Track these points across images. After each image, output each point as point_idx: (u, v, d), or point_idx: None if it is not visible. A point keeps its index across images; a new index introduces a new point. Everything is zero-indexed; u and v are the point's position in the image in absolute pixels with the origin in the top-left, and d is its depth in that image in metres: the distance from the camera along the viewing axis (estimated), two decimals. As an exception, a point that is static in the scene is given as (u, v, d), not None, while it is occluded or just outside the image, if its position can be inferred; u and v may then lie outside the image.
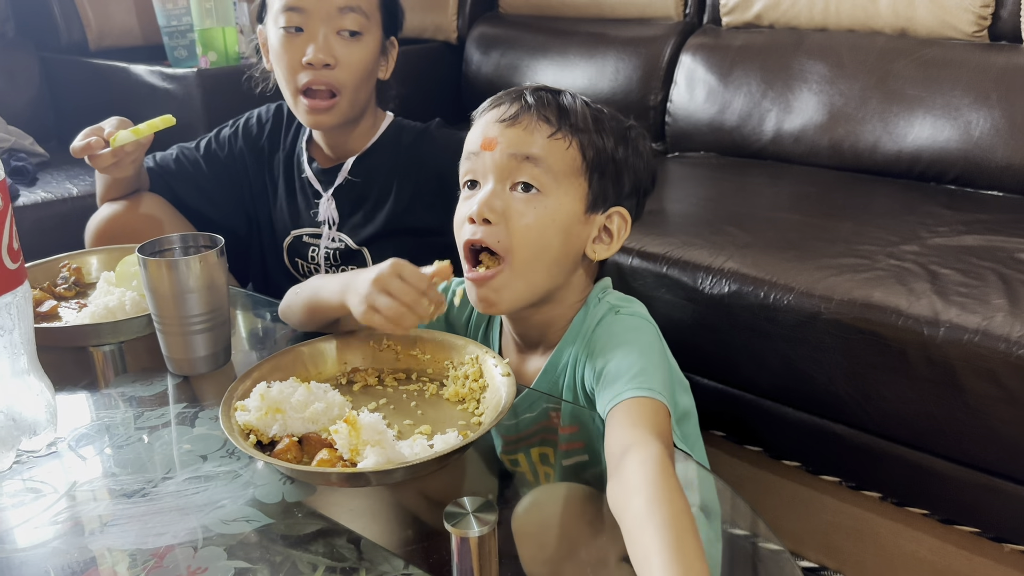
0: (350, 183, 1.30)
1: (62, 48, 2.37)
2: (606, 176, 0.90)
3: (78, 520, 0.75)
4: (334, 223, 1.30)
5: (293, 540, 0.72)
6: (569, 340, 0.93)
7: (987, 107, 1.69)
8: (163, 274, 0.94)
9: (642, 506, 0.63)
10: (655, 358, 0.86)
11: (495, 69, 2.51)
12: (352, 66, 1.18)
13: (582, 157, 0.89)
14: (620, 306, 0.92)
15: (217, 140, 1.39)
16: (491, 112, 0.91)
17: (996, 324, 1.12)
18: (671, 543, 0.59)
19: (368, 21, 1.17)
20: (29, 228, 1.79)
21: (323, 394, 0.84)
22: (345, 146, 1.30)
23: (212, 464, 0.82)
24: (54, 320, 1.08)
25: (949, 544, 1.25)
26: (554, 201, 0.88)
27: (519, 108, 0.89)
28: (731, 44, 2.08)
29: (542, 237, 0.88)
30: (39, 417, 0.84)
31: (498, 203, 0.88)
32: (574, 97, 0.92)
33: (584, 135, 0.89)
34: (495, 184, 0.88)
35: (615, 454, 0.73)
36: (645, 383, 0.80)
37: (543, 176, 0.87)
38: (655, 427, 0.75)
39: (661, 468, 0.67)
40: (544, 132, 0.88)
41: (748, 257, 1.37)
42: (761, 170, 1.91)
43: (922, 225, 1.47)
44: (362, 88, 1.22)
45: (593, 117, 0.91)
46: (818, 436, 1.32)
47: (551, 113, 0.89)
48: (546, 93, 0.91)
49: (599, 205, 0.91)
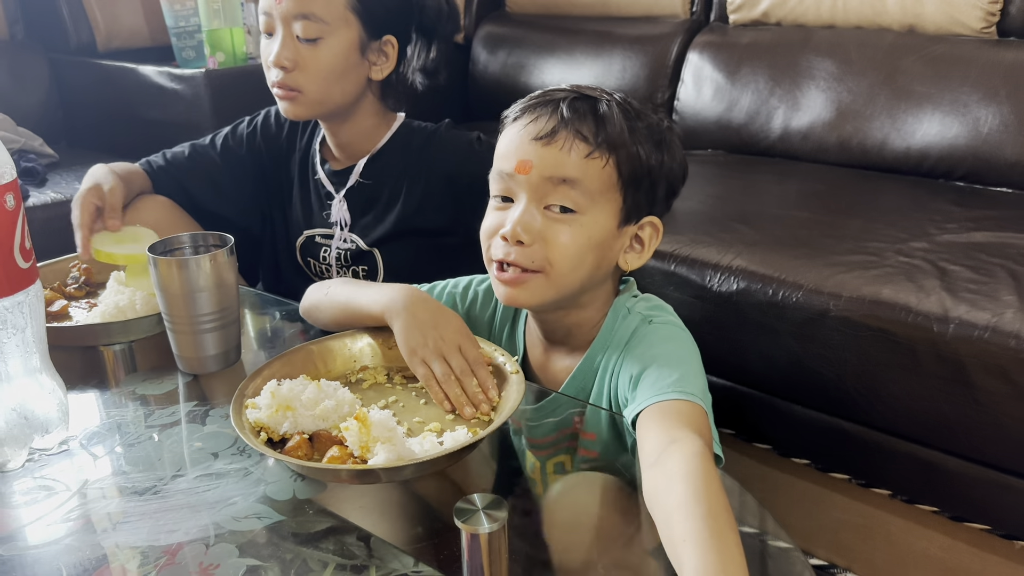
0: (361, 185, 1.30)
1: (71, 50, 2.38)
2: (641, 189, 0.88)
3: (90, 518, 0.75)
4: (346, 224, 1.31)
5: (304, 537, 0.72)
6: (600, 347, 0.92)
7: (996, 103, 1.68)
8: (173, 273, 0.94)
9: (685, 494, 0.63)
10: (693, 365, 0.85)
11: (502, 68, 2.51)
12: (309, 69, 1.19)
13: (618, 174, 0.86)
14: (652, 315, 0.91)
15: (234, 136, 1.39)
16: (525, 127, 0.87)
17: (1006, 320, 1.12)
18: (712, 532, 0.59)
19: (327, 25, 1.17)
20: (39, 228, 1.78)
21: (333, 391, 0.84)
22: (353, 147, 1.30)
23: (223, 461, 0.82)
24: (65, 319, 1.08)
25: (959, 541, 1.24)
26: (590, 220, 0.86)
27: (555, 124, 0.85)
28: (738, 42, 2.07)
29: (578, 257, 0.86)
30: (51, 415, 0.84)
31: (533, 225, 0.85)
32: (610, 103, 0.88)
33: (621, 151, 0.86)
34: (528, 204, 0.86)
35: (652, 450, 0.72)
36: (684, 387, 0.79)
37: (579, 198, 0.85)
38: (694, 426, 0.75)
39: (705, 463, 0.66)
40: (581, 151, 0.84)
41: (756, 254, 1.37)
42: (769, 168, 1.90)
43: (931, 222, 1.47)
44: (331, 89, 1.21)
45: (630, 128, 0.87)
46: (827, 433, 1.32)
47: (587, 129, 0.85)
48: (582, 103, 0.87)
49: (632, 218, 0.89)
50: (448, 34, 1.30)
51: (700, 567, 0.57)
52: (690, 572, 0.57)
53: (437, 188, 1.26)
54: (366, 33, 1.21)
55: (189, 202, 1.33)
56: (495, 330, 1.04)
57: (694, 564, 0.57)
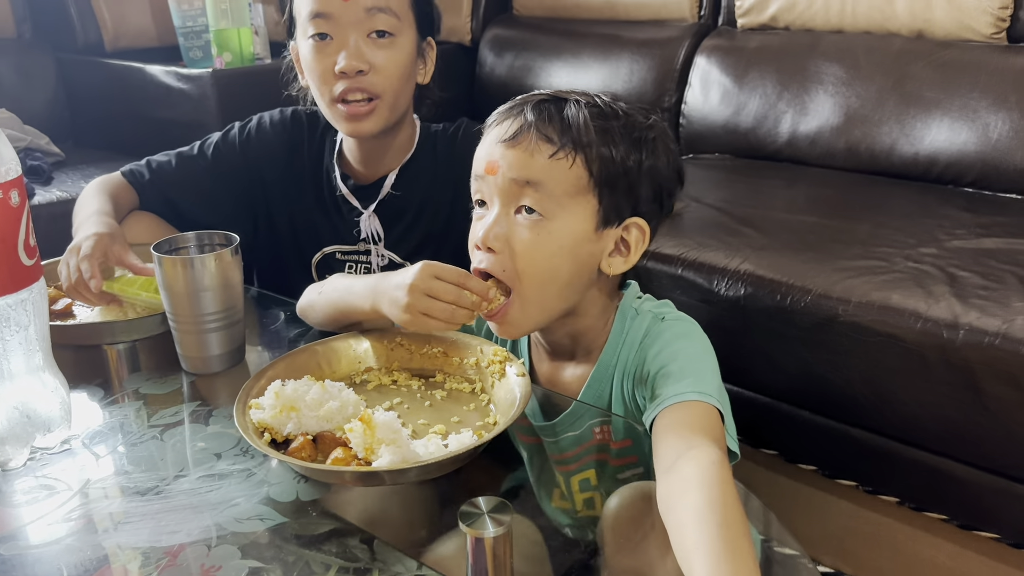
0: (391, 197, 1.25)
1: (78, 49, 2.38)
2: (618, 189, 0.85)
3: (91, 518, 0.74)
4: (380, 239, 1.26)
5: (306, 539, 0.72)
6: (612, 351, 0.91)
7: (1006, 109, 1.67)
8: (178, 272, 0.93)
9: (700, 502, 0.62)
10: (709, 363, 0.84)
11: (509, 71, 2.51)
12: (388, 69, 1.12)
13: (588, 173, 0.84)
14: (663, 312, 0.90)
15: (225, 142, 1.32)
16: (494, 129, 0.87)
17: (1016, 327, 1.11)
18: (726, 542, 0.58)
19: (400, 22, 1.12)
20: (44, 227, 1.77)
21: (338, 392, 0.83)
22: (381, 160, 1.25)
23: (226, 462, 0.81)
24: (68, 318, 1.08)
25: (968, 550, 1.23)
26: (559, 224, 0.84)
27: (519, 126, 0.84)
28: (746, 46, 2.07)
29: (548, 263, 0.85)
30: (53, 414, 0.83)
31: (501, 230, 0.85)
32: (579, 104, 0.86)
33: (589, 149, 0.83)
34: (499, 209, 0.85)
35: (668, 456, 0.71)
36: (700, 387, 0.78)
37: (545, 200, 0.83)
38: (710, 433, 0.74)
39: (722, 472, 0.66)
40: (545, 152, 0.83)
41: (764, 259, 1.36)
42: (777, 172, 1.90)
43: (940, 228, 1.46)
44: (402, 92, 1.17)
45: (600, 128, 0.84)
46: (835, 440, 1.31)
47: (552, 130, 0.84)
48: (549, 105, 0.86)
49: (613, 219, 0.86)
50: None
51: None
52: None
53: (465, 190, 1.24)
54: (419, 34, 1.17)
55: (176, 215, 1.28)
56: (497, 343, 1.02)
57: (706, 573, 0.57)
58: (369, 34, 1.12)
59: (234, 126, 1.34)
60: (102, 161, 2.11)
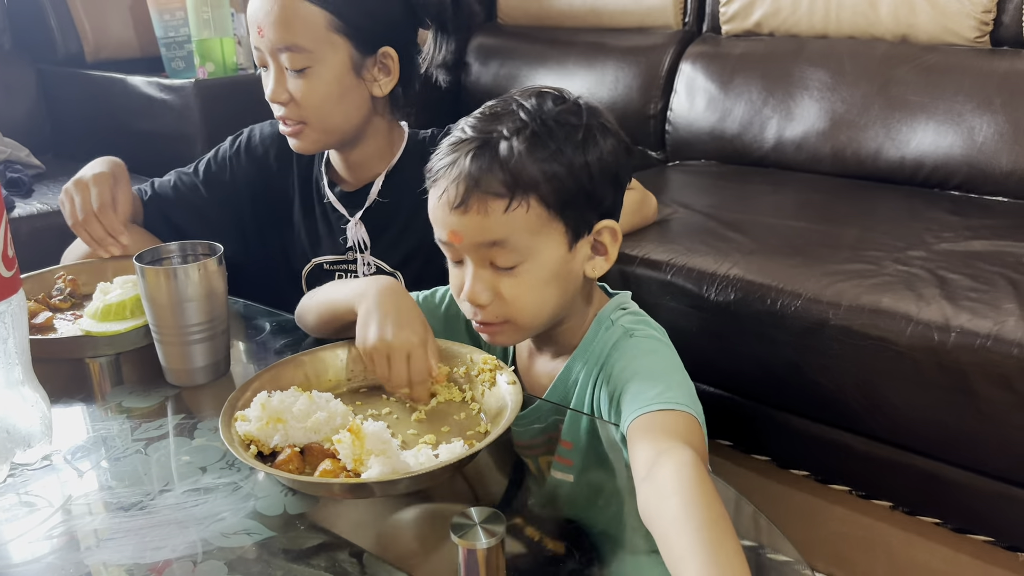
0: (378, 204, 1.25)
1: (59, 60, 2.36)
2: (578, 205, 0.85)
3: (73, 535, 0.73)
4: (366, 247, 1.26)
5: (295, 554, 0.70)
6: (579, 357, 0.92)
7: (990, 112, 1.68)
8: (161, 283, 0.92)
9: (679, 508, 0.62)
10: (677, 376, 0.84)
11: (494, 79, 2.50)
12: (306, 100, 1.14)
13: (545, 207, 0.83)
14: (634, 329, 0.90)
15: (216, 160, 1.33)
16: (440, 196, 0.85)
17: (1008, 329, 1.11)
18: (711, 545, 0.58)
19: (313, 53, 1.12)
20: (25, 240, 1.77)
21: (325, 403, 0.82)
22: (365, 167, 1.25)
23: (212, 476, 0.80)
24: (50, 331, 1.06)
25: (962, 554, 1.23)
26: (537, 263, 0.85)
27: (464, 189, 0.82)
28: (731, 52, 2.07)
29: (538, 298, 0.86)
30: (33, 429, 0.82)
31: (484, 285, 0.86)
32: (512, 138, 0.83)
33: (541, 186, 0.82)
34: (475, 269, 0.86)
35: (641, 465, 0.71)
36: (670, 397, 0.78)
37: (514, 253, 0.84)
38: (682, 436, 0.73)
39: (696, 472, 0.65)
40: (498, 209, 0.82)
41: (753, 263, 1.35)
42: (763, 178, 1.90)
43: (928, 231, 1.46)
44: (333, 115, 1.17)
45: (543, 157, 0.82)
46: (827, 445, 1.30)
47: (496, 182, 0.82)
48: (485, 153, 0.83)
49: (582, 231, 0.87)
50: (462, 24, 1.25)
51: None
52: None
53: None
54: (358, 51, 1.16)
55: (176, 234, 1.27)
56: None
57: None
58: (284, 68, 1.14)
59: (224, 143, 1.35)
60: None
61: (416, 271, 1.25)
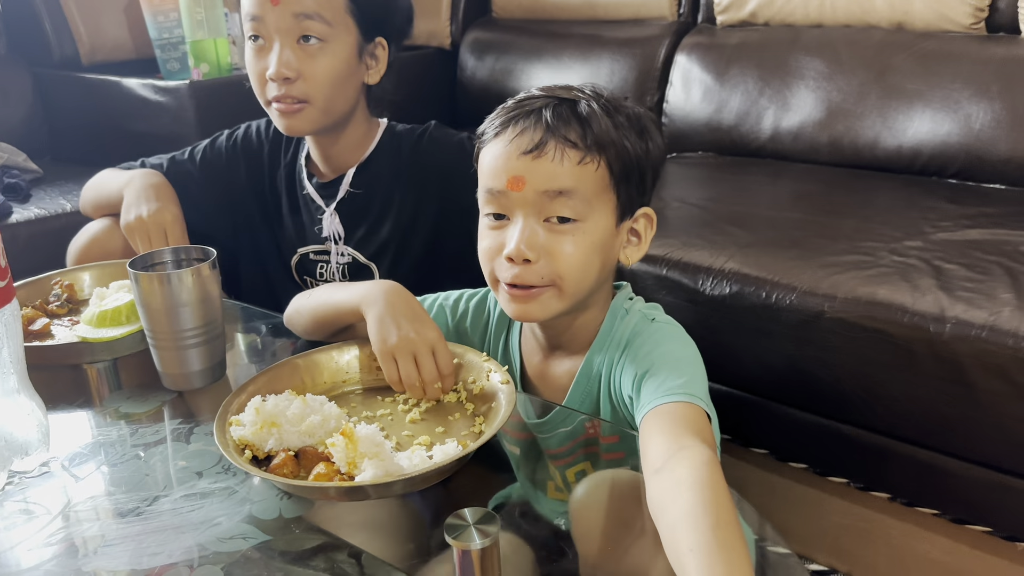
0: (352, 196, 1.26)
1: (54, 64, 2.36)
2: (631, 183, 0.86)
3: (72, 541, 0.73)
4: (340, 238, 1.27)
5: (292, 556, 0.71)
6: (599, 348, 0.91)
7: (987, 99, 1.68)
8: (155, 288, 0.92)
9: (694, 504, 0.62)
10: (699, 369, 0.84)
11: (490, 74, 2.50)
12: (316, 77, 1.13)
13: (610, 172, 0.84)
14: (653, 314, 0.91)
15: (213, 149, 1.34)
16: (511, 141, 0.84)
17: (1004, 319, 1.11)
18: (721, 545, 0.58)
19: (332, 28, 1.12)
20: (23, 245, 1.78)
21: (319, 407, 0.82)
22: (340, 158, 1.27)
23: (208, 481, 0.80)
24: (47, 338, 1.06)
25: (961, 544, 1.23)
26: (591, 225, 0.84)
27: (542, 135, 0.83)
28: (726, 43, 2.07)
29: (587, 264, 0.85)
30: (31, 437, 0.82)
31: (537, 241, 0.83)
32: (590, 100, 0.86)
33: (610, 149, 0.84)
34: (527, 220, 0.84)
35: (658, 456, 0.71)
36: (690, 390, 0.78)
37: (578, 206, 0.83)
38: (700, 434, 0.73)
39: (715, 473, 0.65)
40: (573, 159, 0.82)
41: (750, 257, 1.35)
42: (760, 169, 1.89)
43: (925, 220, 1.46)
44: (336, 97, 1.17)
45: (614, 124, 0.85)
46: (825, 437, 1.30)
47: (575, 134, 0.83)
48: (564, 108, 0.85)
49: (627, 213, 0.88)
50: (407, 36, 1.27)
51: None
52: None
53: (431, 191, 1.24)
54: (362, 37, 1.17)
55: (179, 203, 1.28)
56: (489, 343, 1.02)
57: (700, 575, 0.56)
58: (298, 40, 1.12)
59: (223, 133, 1.37)
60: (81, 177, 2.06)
61: (390, 263, 1.26)
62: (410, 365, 0.87)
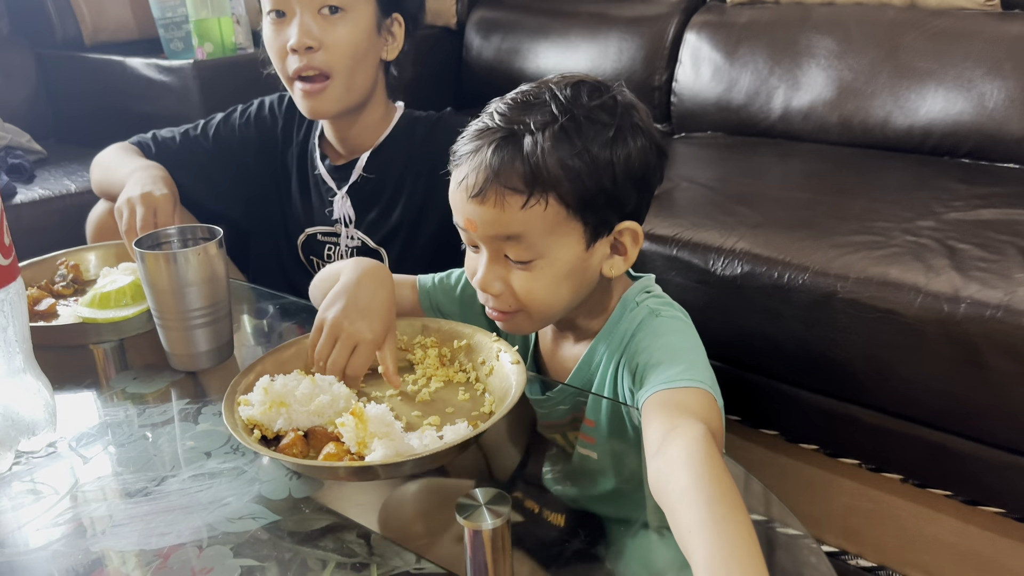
0: (364, 180, 1.25)
1: (57, 44, 2.34)
2: (599, 206, 0.82)
3: (80, 521, 0.73)
4: (350, 221, 1.27)
5: (301, 536, 0.70)
6: (603, 338, 0.91)
7: (1001, 78, 1.65)
8: (161, 268, 0.91)
9: (688, 482, 0.62)
10: (697, 355, 0.84)
11: (496, 54, 2.48)
12: (337, 45, 1.12)
13: (565, 207, 0.81)
14: (660, 310, 0.90)
15: (227, 125, 1.34)
16: (459, 183, 0.83)
17: (1019, 299, 1.10)
18: (720, 519, 0.58)
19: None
20: (27, 226, 1.77)
21: (328, 386, 0.82)
22: (355, 140, 1.26)
23: (216, 461, 0.80)
24: (53, 318, 1.06)
25: (972, 525, 1.22)
26: (548, 260, 0.83)
27: (484, 179, 0.80)
28: (736, 21, 2.04)
29: (548, 293, 0.85)
30: (37, 417, 0.81)
31: (495, 276, 0.85)
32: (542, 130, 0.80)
33: (559, 186, 0.80)
34: (488, 259, 0.85)
35: (654, 439, 0.71)
36: (691, 376, 0.78)
37: (527, 249, 0.82)
38: (699, 414, 0.73)
39: (706, 446, 0.65)
40: (515, 205, 0.80)
41: (760, 237, 1.34)
42: (770, 148, 1.87)
43: (937, 200, 1.44)
44: (358, 70, 1.16)
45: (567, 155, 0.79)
46: (836, 418, 1.29)
47: (516, 178, 0.79)
48: (508, 147, 0.80)
49: (601, 233, 0.85)
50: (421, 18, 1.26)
51: (707, 557, 0.56)
52: (700, 563, 0.56)
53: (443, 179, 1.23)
54: (380, 10, 1.17)
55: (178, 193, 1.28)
56: None
57: (701, 555, 0.56)
58: (320, 9, 1.12)
59: (236, 108, 1.37)
60: (85, 158, 2.06)
61: (399, 249, 1.25)
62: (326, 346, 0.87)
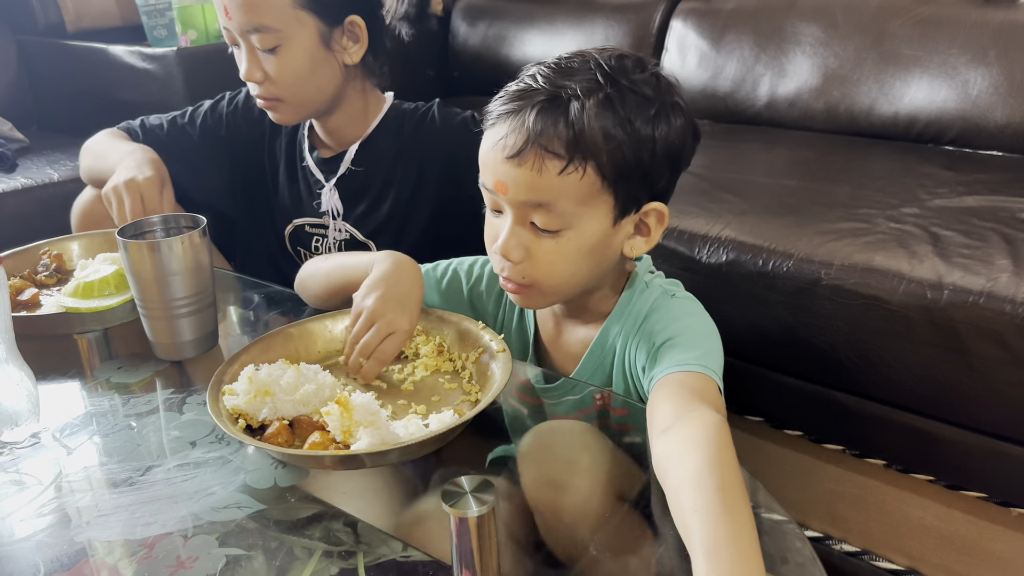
0: (353, 172, 1.25)
1: (39, 31, 2.32)
2: (633, 181, 0.81)
3: (65, 512, 0.73)
4: (338, 214, 1.27)
5: (287, 525, 0.70)
6: (616, 319, 0.90)
7: (985, 65, 1.66)
8: (145, 257, 0.91)
9: (701, 464, 0.61)
10: (716, 344, 0.84)
11: (482, 40, 2.47)
12: (279, 78, 1.14)
13: (600, 177, 0.79)
14: (674, 290, 0.90)
15: (214, 114, 1.34)
16: (497, 142, 0.80)
17: (1000, 285, 1.10)
18: (726, 506, 0.58)
19: (280, 31, 1.11)
20: (10, 215, 1.76)
21: (313, 375, 0.82)
22: (341, 133, 1.26)
23: (201, 450, 0.79)
24: (36, 308, 1.05)
25: (955, 510, 1.23)
26: (575, 232, 0.81)
27: (523, 141, 0.78)
28: (722, 8, 2.04)
29: (569, 267, 0.83)
30: (20, 407, 0.81)
31: (518, 241, 0.82)
32: (584, 99, 0.78)
33: (599, 155, 0.78)
34: (513, 220, 0.82)
35: (666, 417, 0.70)
36: (705, 361, 0.78)
37: (556, 218, 0.80)
38: (712, 402, 0.73)
39: (724, 435, 0.65)
40: (553, 169, 0.78)
41: (746, 224, 1.34)
42: (756, 136, 1.88)
43: (921, 187, 1.45)
44: (307, 90, 1.17)
45: (611, 124, 0.78)
46: (820, 404, 1.30)
47: (558, 143, 0.77)
48: (552, 110, 0.78)
49: (629, 210, 0.83)
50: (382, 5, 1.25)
51: (709, 539, 0.56)
52: (699, 544, 0.56)
53: (433, 171, 1.22)
54: (325, 24, 1.15)
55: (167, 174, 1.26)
56: (504, 309, 1.01)
57: (703, 536, 0.56)
58: (256, 50, 1.14)
59: (224, 96, 1.36)
60: (68, 147, 2.05)
61: (388, 242, 1.24)
62: (363, 330, 0.87)
